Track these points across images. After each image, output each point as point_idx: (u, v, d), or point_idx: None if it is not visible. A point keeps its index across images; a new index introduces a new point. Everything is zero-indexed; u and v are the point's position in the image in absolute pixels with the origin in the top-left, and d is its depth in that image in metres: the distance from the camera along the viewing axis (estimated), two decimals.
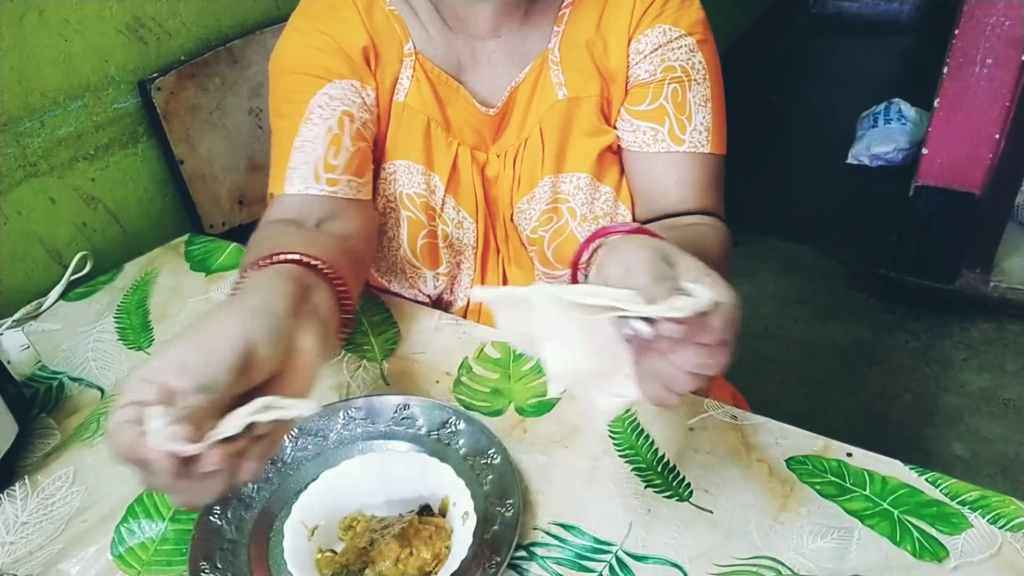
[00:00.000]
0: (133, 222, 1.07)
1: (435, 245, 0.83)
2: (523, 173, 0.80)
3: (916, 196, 1.98)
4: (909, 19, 4.08)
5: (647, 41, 0.77)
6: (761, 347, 2.04)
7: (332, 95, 0.76)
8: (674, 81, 0.76)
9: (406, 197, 0.81)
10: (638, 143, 0.78)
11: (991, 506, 0.60)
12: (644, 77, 0.77)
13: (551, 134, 0.79)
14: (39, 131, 0.93)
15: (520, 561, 0.58)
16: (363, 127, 0.77)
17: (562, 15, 0.79)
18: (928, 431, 1.78)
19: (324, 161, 0.74)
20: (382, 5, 0.78)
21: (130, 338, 0.84)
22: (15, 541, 0.62)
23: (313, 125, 0.75)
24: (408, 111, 0.79)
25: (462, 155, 0.80)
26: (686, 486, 0.63)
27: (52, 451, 0.71)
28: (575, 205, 0.80)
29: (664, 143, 0.77)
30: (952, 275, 2.07)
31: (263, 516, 0.61)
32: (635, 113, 0.78)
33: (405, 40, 0.78)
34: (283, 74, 0.78)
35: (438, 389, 0.75)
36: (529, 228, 0.81)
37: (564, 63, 0.79)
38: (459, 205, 0.81)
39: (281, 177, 0.75)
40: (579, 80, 0.79)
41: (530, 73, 0.79)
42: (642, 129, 0.77)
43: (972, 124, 1.82)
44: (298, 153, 0.75)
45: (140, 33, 1.02)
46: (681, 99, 0.76)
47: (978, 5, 1.69)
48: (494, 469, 0.63)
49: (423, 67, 0.78)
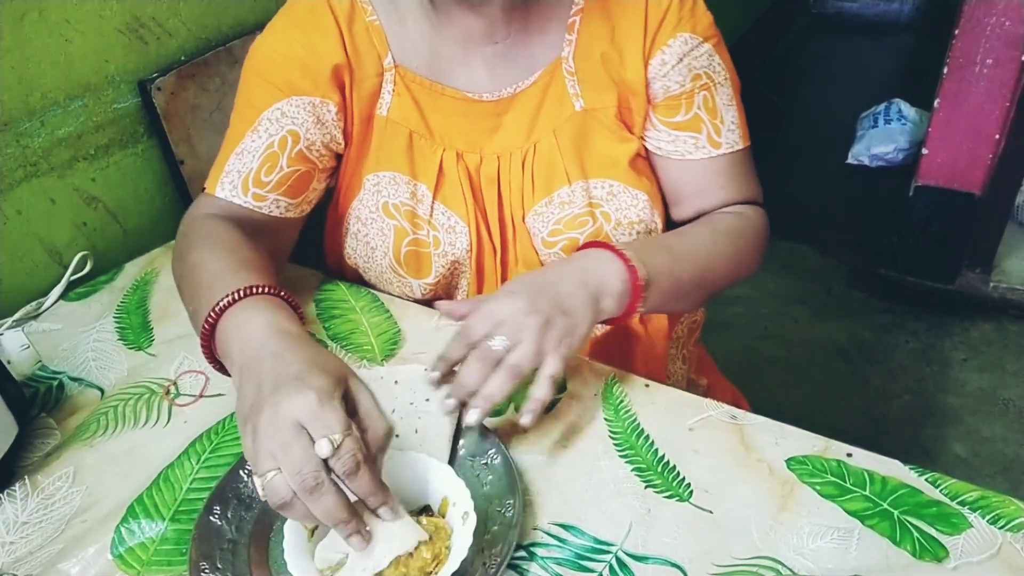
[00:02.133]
0: (133, 222, 1.07)
1: (419, 253, 0.82)
2: (537, 176, 0.80)
3: (916, 196, 1.98)
4: (909, 19, 4.08)
5: (671, 52, 0.78)
6: (761, 347, 2.04)
7: (285, 111, 0.77)
8: (703, 89, 0.80)
9: (391, 207, 0.81)
10: (679, 152, 0.81)
11: (991, 506, 0.60)
12: (675, 89, 0.79)
13: (569, 142, 0.79)
14: (39, 131, 0.93)
15: (520, 561, 0.58)
16: (308, 149, 0.79)
17: (572, 23, 0.79)
18: (928, 431, 1.78)
19: (255, 176, 0.78)
20: (364, 17, 0.78)
21: (130, 338, 0.85)
22: (15, 541, 0.62)
23: (257, 136, 0.78)
24: (391, 125, 0.80)
25: (447, 159, 0.80)
26: (686, 486, 0.63)
27: (52, 451, 0.71)
28: (609, 210, 0.80)
29: (704, 149, 0.81)
30: (952, 275, 2.07)
31: (263, 516, 0.61)
32: (672, 124, 0.80)
33: (384, 54, 0.79)
34: (251, 73, 0.79)
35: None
36: (546, 231, 0.81)
37: (580, 74, 0.79)
38: (449, 210, 0.81)
39: (216, 176, 0.80)
40: (596, 92, 0.79)
41: (540, 79, 0.79)
42: (682, 139, 0.81)
43: (972, 124, 1.82)
44: (236, 159, 0.79)
45: (140, 33, 1.02)
46: (712, 104, 0.80)
47: (978, 5, 1.69)
48: (494, 469, 0.63)
49: (403, 79, 0.79)
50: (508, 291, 0.66)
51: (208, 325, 0.63)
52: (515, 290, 0.66)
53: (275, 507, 0.52)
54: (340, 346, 0.81)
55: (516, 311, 0.64)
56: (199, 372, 0.78)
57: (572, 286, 0.68)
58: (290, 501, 0.51)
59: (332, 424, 0.51)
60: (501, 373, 0.62)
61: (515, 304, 0.64)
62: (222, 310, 0.62)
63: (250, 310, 0.62)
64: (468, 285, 0.86)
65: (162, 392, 0.76)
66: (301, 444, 0.51)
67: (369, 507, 0.54)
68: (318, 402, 0.52)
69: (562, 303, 0.66)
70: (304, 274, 0.92)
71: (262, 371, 0.55)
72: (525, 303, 0.64)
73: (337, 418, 0.52)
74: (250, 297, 0.63)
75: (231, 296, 0.63)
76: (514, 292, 0.66)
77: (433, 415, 0.67)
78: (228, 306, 0.62)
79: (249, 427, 0.53)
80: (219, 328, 0.63)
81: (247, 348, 0.59)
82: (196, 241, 0.74)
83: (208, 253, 0.71)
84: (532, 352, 0.62)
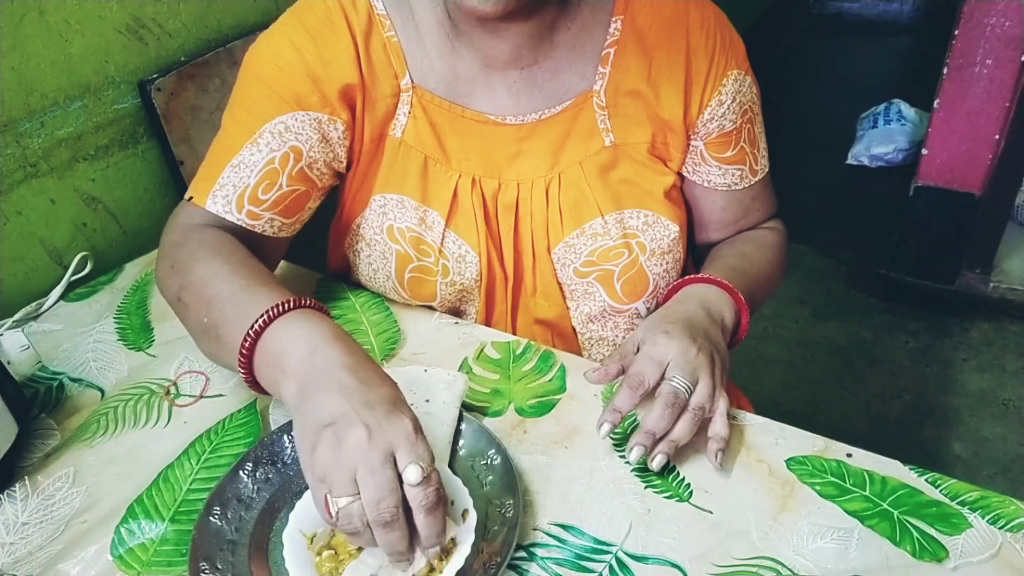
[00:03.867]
0: (133, 222, 1.07)
1: (424, 280, 0.81)
2: (565, 208, 0.78)
3: (916, 196, 1.98)
4: (909, 19, 4.08)
5: (727, 92, 0.77)
6: (761, 347, 2.04)
7: (289, 126, 0.73)
8: (748, 123, 0.81)
9: (396, 231, 0.79)
10: (727, 183, 0.82)
11: (991, 506, 0.60)
12: (729, 127, 0.79)
13: (596, 175, 0.77)
14: (39, 131, 0.93)
15: (520, 561, 0.58)
16: (310, 167, 0.75)
17: (606, 55, 0.76)
18: (928, 431, 1.78)
19: (252, 193, 0.74)
20: (381, 33, 0.74)
21: (130, 339, 0.85)
22: (15, 541, 0.62)
23: (257, 150, 0.73)
24: (404, 148, 0.77)
25: (462, 186, 0.77)
26: (686, 486, 0.63)
27: (52, 451, 0.71)
28: (644, 240, 0.79)
29: (747, 179, 0.84)
30: (952, 275, 2.07)
31: (263, 517, 0.61)
32: (723, 160, 0.81)
33: (401, 74, 0.75)
34: (253, 77, 0.74)
35: None
36: (579, 262, 0.79)
37: (611, 109, 0.77)
38: (460, 238, 0.78)
39: (207, 188, 0.74)
40: (628, 127, 0.77)
41: (567, 110, 0.76)
42: (730, 172, 0.82)
43: (972, 124, 1.82)
44: (231, 171, 0.73)
45: (140, 33, 1.02)
46: (753, 136, 0.82)
47: (978, 5, 1.69)
48: (494, 470, 0.63)
49: (421, 101, 0.76)
50: (661, 331, 0.66)
51: (254, 334, 0.60)
52: (666, 329, 0.66)
53: (344, 531, 0.52)
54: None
55: (683, 350, 0.64)
56: (199, 373, 0.78)
57: (707, 321, 0.70)
58: (362, 531, 0.51)
59: (424, 455, 0.52)
60: (688, 417, 0.63)
61: (678, 344, 0.65)
62: (270, 320, 0.61)
63: (306, 321, 0.60)
64: (477, 313, 0.84)
65: (162, 393, 0.76)
66: (388, 475, 0.50)
67: (423, 544, 0.52)
68: (414, 431, 0.52)
69: (710, 337, 0.68)
70: (304, 274, 0.93)
71: (344, 382, 0.55)
72: (687, 341, 0.65)
73: (427, 449, 0.52)
74: (299, 309, 0.62)
75: (279, 307, 0.61)
76: (667, 332, 0.66)
77: (433, 416, 0.67)
78: (275, 317, 0.61)
79: (330, 438, 0.52)
80: (267, 338, 0.60)
81: (314, 358, 0.57)
82: (200, 253, 0.70)
83: (222, 264, 0.68)
84: (710, 390, 0.64)
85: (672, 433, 0.63)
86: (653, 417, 0.62)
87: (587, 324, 0.83)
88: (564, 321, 0.84)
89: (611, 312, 0.82)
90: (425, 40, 0.75)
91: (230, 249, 0.71)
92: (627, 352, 0.67)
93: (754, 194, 0.85)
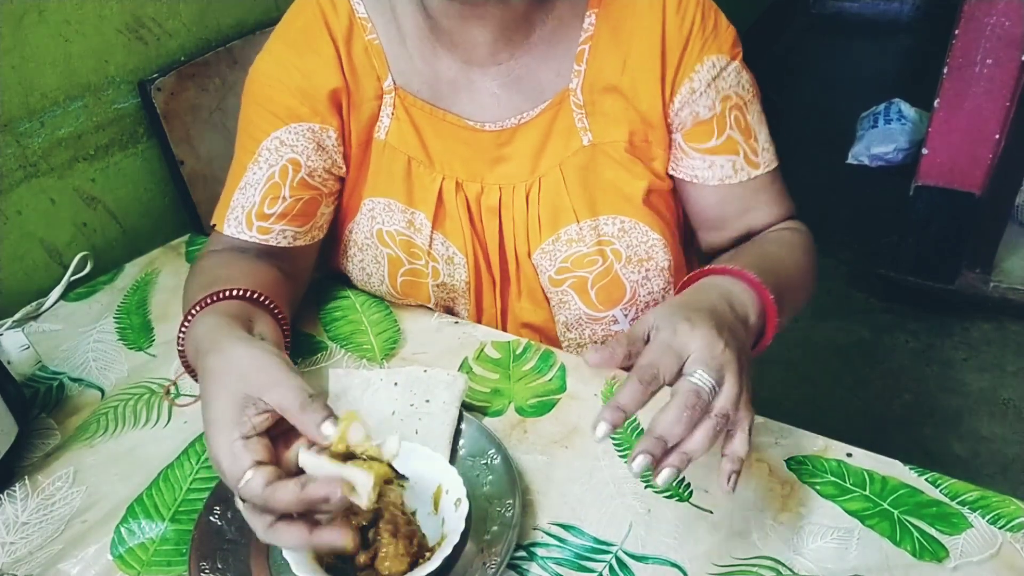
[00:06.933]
0: (133, 222, 1.07)
1: (417, 283, 0.81)
2: (543, 213, 0.77)
3: (916, 196, 1.98)
4: (909, 19, 4.08)
5: (699, 78, 0.74)
6: None
7: (284, 140, 0.75)
8: (734, 109, 0.76)
9: (386, 235, 0.79)
10: (718, 176, 0.77)
11: (991, 506, 0.60)
12: (705, 114, 0.75)
13: (576, 178, 0.76)
14: (39, 131, 0.93)
15: (520, 561, 0.58)
16: (311, 176, 0.77)
17: (581, 52, 0.75)
18: (928, 431, 1.78)
19: (259, 210, 0.76)
20: (363, 36, 0.75)
21: (130, 338, 0.85)
22: (15, 541, 0.62)
23: (258, 168, 0.76)
24: (388, 150, 0.78)
25: (447, 188, 0.77)
26: (686, 486, 0.63)
27: (52, 451, 0.71)
28: (620, 247, 0.77)
29: (744, 172, 0.78)
30: (952, 275, 2.07)
31: None
32: (706, 150, 0.77)
33: (384, 76, 0.76)
34: (251, 100, 0.77)
35: None
36: (553, 269, 0.78)
37: (589, 107, 0.76)
38: (448, 240, 0.78)
39: (223, 213, 0.78)
40: (606, 125, 0.76)
41: (546, 111, 0.76)
42: (718, 163, 0.77)
43: (972, 124, 1.82)
44: (240, 194, 0.77)
45: (140, 33, 1.02)
46: (744, 124, 0.77)
47: (978, 5, 1.69)
48: (494, 469, 0.63)
49: (403, 103, 0.76)
50: (682, 318, 0.54)
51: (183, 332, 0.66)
52: (688, 316, 0.54)
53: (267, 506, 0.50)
54: (341, 347, 0.81)
55: (710, 342, 0.52)
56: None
57: (732, 316, 0.58)
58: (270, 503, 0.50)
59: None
60: (707, 426, 0.50)
61: (703, 334, 0.53)
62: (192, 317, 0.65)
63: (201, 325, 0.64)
64: (468, 315, 0.84)
65: (162, 392, 0.76)
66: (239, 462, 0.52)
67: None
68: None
69: (736, 334, 0.56)
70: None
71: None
72: (713, 332, 0.53)
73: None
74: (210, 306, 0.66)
75: (198, 305, 0.66)
76: (689, 319, 0.53)
77: (433, 416, 0.67)
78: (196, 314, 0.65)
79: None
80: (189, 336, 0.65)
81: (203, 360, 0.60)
82: (192, 278, 0.76)
83: (195, 279, 0.74)
84: (736, 395, 0.52)
85: (687, 443, 0.50)
86: (667, 419, 0.50)
87: (565, 332, 0.83)
88: (550, 325, 0.83)
89: (587, 320, 0.81)
90: (407, 42, 0.76)
91: (216, 266, 0.75)
92: (636, 338, 0.55)
93: (756, 189, 0.79)
